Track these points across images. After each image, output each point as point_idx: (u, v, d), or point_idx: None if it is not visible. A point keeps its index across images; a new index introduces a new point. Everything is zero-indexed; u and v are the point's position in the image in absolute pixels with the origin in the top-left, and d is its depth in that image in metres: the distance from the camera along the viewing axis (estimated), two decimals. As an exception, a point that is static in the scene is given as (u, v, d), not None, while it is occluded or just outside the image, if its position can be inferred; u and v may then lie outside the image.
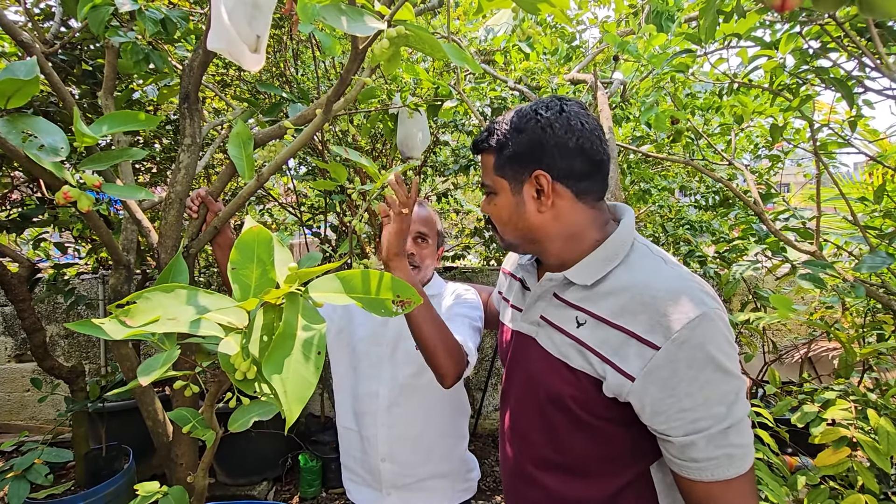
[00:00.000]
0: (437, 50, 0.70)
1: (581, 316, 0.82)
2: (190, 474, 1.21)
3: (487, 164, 0.90)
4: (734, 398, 0.71)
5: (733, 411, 0.71)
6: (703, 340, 0.70)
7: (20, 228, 2.06)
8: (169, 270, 0.93)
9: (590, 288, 0.82)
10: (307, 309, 0.63)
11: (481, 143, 0.91)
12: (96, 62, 1.90)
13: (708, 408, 0.70)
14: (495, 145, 0.88)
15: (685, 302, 0.72)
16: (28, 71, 0.88)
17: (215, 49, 0.70)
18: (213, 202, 1.26)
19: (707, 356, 0.70)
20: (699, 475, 0.72)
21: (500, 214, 0.90)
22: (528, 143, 0.83)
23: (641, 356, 0.72)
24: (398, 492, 1.29)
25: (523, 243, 0.91)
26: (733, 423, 0.70)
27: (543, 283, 0.90)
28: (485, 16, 2.40)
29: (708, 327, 0.71)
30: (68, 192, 0.95)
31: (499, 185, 0.89)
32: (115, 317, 0.61)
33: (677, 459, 0.74)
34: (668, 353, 0.70)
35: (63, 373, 2.20)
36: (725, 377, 0.71)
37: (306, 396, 0.52)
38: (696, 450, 0.71)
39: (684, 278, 0.77)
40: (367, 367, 1.30)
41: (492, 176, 0.89)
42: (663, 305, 0.72)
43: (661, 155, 2.19)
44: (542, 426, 0.89)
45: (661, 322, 0.72)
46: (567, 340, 0.83)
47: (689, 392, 0.70)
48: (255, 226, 0.71)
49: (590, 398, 0.80)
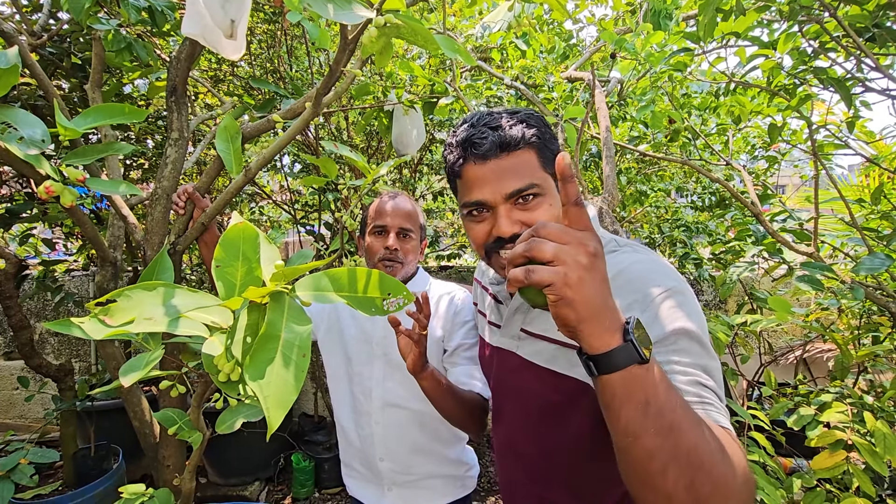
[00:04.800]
0: (429, 42, 0.68)
1: None
2: (177, 476, 1.19)
3: (530, 163, 0.76)
4: (707, 357, 0.66)
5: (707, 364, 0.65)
6: (675, 307, 0.67)
7: (8, 224, 2.02)
8: (153, 268, 0.91)
9: None
10: (293, 308, 0.61)
11: (523, 136, 0.75)
12: (85, 55, 1.86)
13: (683, 367, 0.64)
14: (538, 138, 0.76)
15: (657, 278, 0.70)
16: (7, 60, 0.85)
17: (190, 35, 0.67)
18: (201, 198, 1.24)
19: (680, 322, 0.66)
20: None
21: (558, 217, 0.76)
22: (554, 140, 0.79)
23: None
24: (398, 488, 1.28)
25: None
26: (710, 381, 0.64)
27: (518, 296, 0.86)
28: (480, 12, 2.38)
29: (680, 298, 0.68)
30: (50, 186, 0.92)
31: (548, 184, 0.76)
32: (94, 315, 0.59)
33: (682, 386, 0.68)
34: (643, 318, 0.67)
35: (51, 371, 2.16)
36: (698, 346, 0.66)
37: (289, 401, 0.49)
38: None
39: (655, 262, 0.75)
40: (359, 366, 1.28)
41: (540, 174, 0.76)
42: (637, 284, 0.70)
43: (658, 154, 2.18)
44: (534, 441, 0.86)
45: (637, 299, 0.70)
46: (551, 346, 0.80)
47: (665, 356, 0.65)
48: (240, 222, 0.69)
49: (578, 404, 0.77)
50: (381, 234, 1.25)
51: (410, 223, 1.27)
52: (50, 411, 2.23)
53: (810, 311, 1.97)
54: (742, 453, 0.56)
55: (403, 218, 1.25)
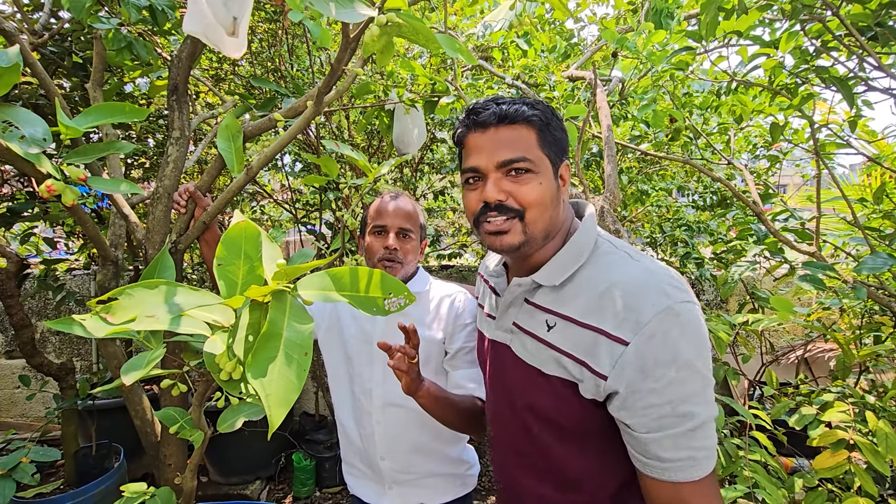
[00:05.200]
0: (431, 41, 0.68)
1: (551, 319, 0.80)
2: (178, 475, 1.19)
3: (527, 139, 0.79)
4: (701, 397, 0.69)
5: (699, 412, 0.68)
6: (670, 335, 0.68)
7: (9, 223, 2.02)
8: (154, 266, 0.91)
9: (558, 289, 0.80)
10: (294, 307, 0.61)
11: (522, 113, 0.78)
12: (86, 54, 1.86)
13: (673, 407, 0.67)
14: (541, 120, 0.79)
15: (652, 295, 0.70)
16: (9, 59, 0.85)
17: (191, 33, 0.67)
18: (202, 197, 1.23)
19: (673, 353, 0.67)
20: (664, 475, 0.70)
21: (545, 197, 0.78)
22: (562, 129, 0.82)
23: (611, 353, 0.70)
24: (399, 487, 1.29)
25: (540, 240, 0.81)
26: (698, 425, 0.68)
27: (513, 288, 0.86)
28: (482, 11, 2.38)
29: (675, 322, 0.68)
30: (52, 185, 0.92)
31: (543, 165, 0.79)
32: (96, 314, 0.59)
33: (641, 457, 0.72)
34: (636, 349, 0.68)
35: (52, 370, 2.16)
36: (691, 375, 0.68)
37: (291, 400, 0.49)
38: (660, 448, 0.69)
39: (650, 272, 0.74)
40: (360, 366, 1.28)
41: (537, 152, 0.79)
42: (630, 300, 0.71)
43: (659, 154, 2.17)
44: (525, 437, 0.87)
45: (628, 318, 0.70)
46: (539, 346, 0.81)
47: (655, 389, 0.68)
48: (242, 220, 0.68)
49: (565, 403, 0.77)
50: (381, 234, 1.25)
51: (410, 223, 1.26)
52: (51, 410, 2.23)
53: (812, 310, 1.97)
54: None
55: (403, 218, 1.25)
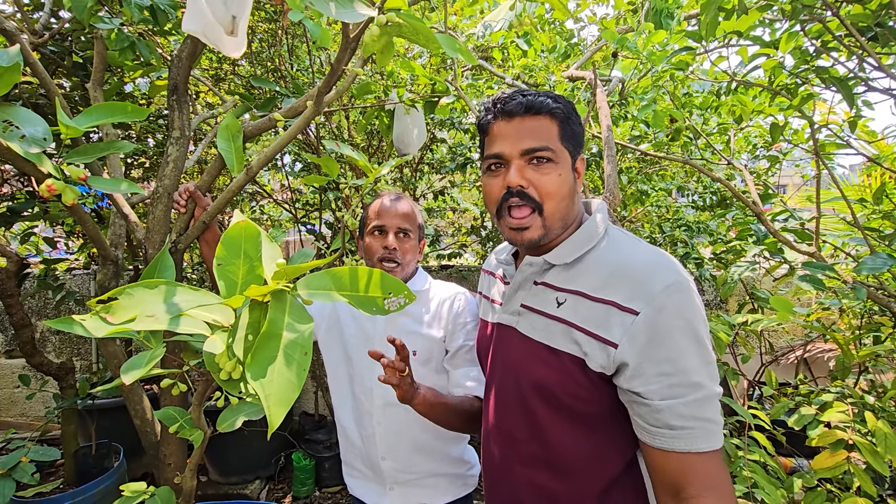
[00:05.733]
0: (431, 41, 0.68)
1: (561, 296, 0.82)
2: (178, 474, 1.19)
3: (549, 130, 0.82)
4: (708, 372, 0.72)
5: (708, 385, 0.71)
6: (681, 307, 0.71)
7: (9, 223, 2.02)
8: (154, 266, 0.91)
9: (569, 267, 0.83)
10: (294, 307, 0.61)
11: (546, 105, 0.81)
12: (86, 54, 1.86)
13: (686, 375, 0.70)
14: (562, 113, 0.82)
15: (662, 270, 0.74)
16: (9, 59, 0.85)
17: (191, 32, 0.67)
18: (202, 197, 1.24)
19: (685, 324, 0.71)
20: (673, 444, 0.71)
21: (563, 189, 0.82)
22: (580, 126, 0.85)
23: (622, 323, 0.73)
24: (400, 487, 1.28)
25: (556, 231, 0.84)
26: (708, 396, 0.71)
27: (523, 268, 0.89)
28: (482, 11, 2.38)
29: (685, 296, 0.72)
30: (52, 184, 0.92)
31: (563, 157, 0.82)
32: (96, 313, 0.59)
33: (652, 426, 0.73)
34: (647, 318, 0.71)
35: (52, 369, 2.16)
36: (700, 349, 0.71)
37: (290, 400, 0.49)
38: (671, 415, 0.70)
39: (660, 253, 0.79)
40: (360, 366, 1.28)
41: (558, 143, 0.82)
42: (641, 274, 0.74)
43: (659, 154, 2.18)
44: (525, 420, 0.87)
45: (639, 290, 0.73)
46: (548, 322, 0.82)
47: (668, 357, 0.70)
48: (242, 220, 0.69)
49: (572, 380, 0.79)
50: (380, 235, 1.25)
51: (409, 223, 1.26)
52: (51, 409, 2.23)
53: (811, 310, 1.97)
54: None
55: (402, 218, 1.25)
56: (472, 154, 2.74)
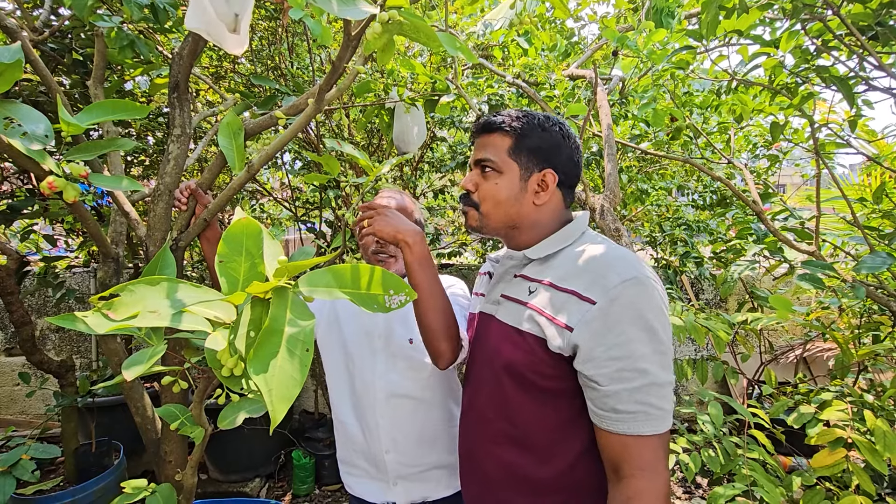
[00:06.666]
0: (432, 39, 0.68)
1: (532, 285, 0.92)
2: (178, 472, 1.19)
3: (499, 145, 0.95)
4: (659, 361, 0.77)
5: (656, 373, 0.77)
6: (634, 300, 0.78)
7: (9, 220, 2.02)
8: (156, 263, 0.91)
9: (543, 262, 0.94)
10: (296, 304, 0.61)
11: (499, 123, 0.95)
12: (86, 51, 1.86)
13: (633, 361, 0.76)
14: (516, 131, 0.94)
15: (621, 265, 0.82)
16: (11, 55, 0.85)
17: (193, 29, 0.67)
18: (203, 194, 1.24)
19: (636, 314, 0.77)
20: (616, 426, 0.77)
21: (498, 194, 0.94)
22: (550, 142, 0.94)
23: (580, 310, 0.81)
24: (404, 482, 1.28)
25: (502, 227, 0.97)
26: (654, 383, 0.76)
27: (504, 261, 1.01)
28: (482, 10, 2.38)
29: (640, 290, 0.79)
30: (53, 181, 0.92)
31: (507, 167, 0.94)
32: (98, 310, 0.59)
33: (599, 410, 0.80)
34: (601, 308, 0.78)
35: (52, 367, 2.17)
36: (651, 337, 0.77)
37: (293, 395, 0.50)
38: (617, 400, 0.77)
39: (625, 252, 0.86)
40: (361, 360, 1.29)
41: (503, 157, 0.94)
42: (602, 267, 0.83)
43: (659, 153, 2.18)
44: (496, 399, 0.94)
45: (597, 281, 0.81)
46: (519, 307, 0.92)
47: (617, 343, 0.77)
48: (243, 217, 0.69)
49: (536, 358, 0.86)
50: None
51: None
52: (51, 407, 2.23)
53: (811, 309, 1.97)
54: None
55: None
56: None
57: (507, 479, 0.92)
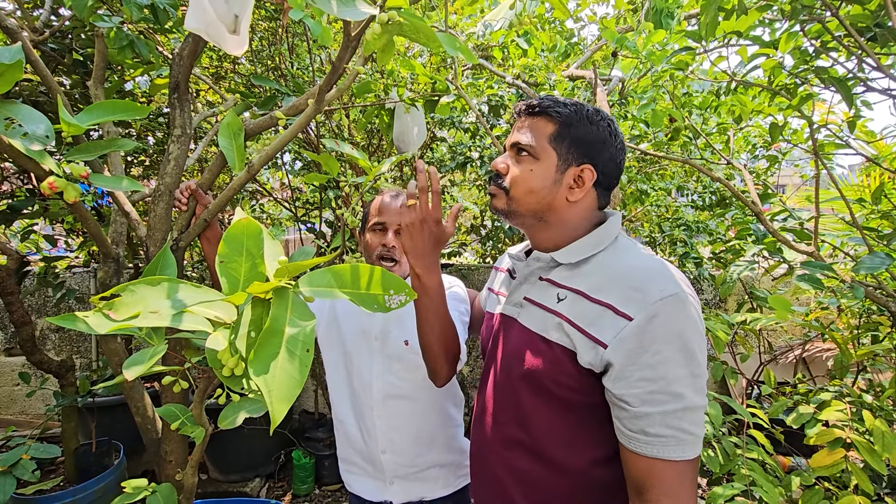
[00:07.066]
0: (431, 39, 0.68)
1: (562, 292, 0.87)
2: (179, 471, 1.19)
3: (541, 129, 0.89)
4: (694, 384, 0.74)
5: (690, 397, 0.73)
6: (673, 319, 0.74)
7: (9, 220, 2.02)
8: (156, 263, 0.91)
9: (573, 267, 0.88)
10: (296, 304, 0.61)
11: (545, 107, 0.89)
12: (87, 51, 1.86)
13: (667, 384, 0.72)
14: (562, 118, 0.88)
15: (660, 280, 0.77)
16: (11, 56, 0.85)
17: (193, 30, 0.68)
18: (203, 195, 1.24)
19: (674, 334, 0.73)
20: (644, 449, 0.74)
21: (531, 181, 0.89)
22: (595, 137, 0.88)
23: (615, 326, 0.76)
24: (400, 481, 1.29)
25: (529, 216, 0.91)
26: (688, 408, 0.73)
27: (530, 262, 0.94)
28: (482, 10, 2.38)
29: (679, 308, 0.74)
30: (54, 182, 0.92)
31: (546, 154, 0.89)
32: (99, 310, 0.59)
33: (628, 430, 0.76)
34: (638, 325, 0.74)
35: (52, 367, 2.17)
36: (688, 360, 0.73)
37: (293, 396, 0.50)
38: (648, 422, 0.73)
39: (663, 263, 0.81)
40: (359, 360, 1.29)
41: (544, 143, 0.89)
42: (639, 281, 0.77)
43: (659, 153, 2.18)
44: (511, 405, 0.91)
45: (634, 296, 0.76)
46: (546, 315, 0.87)
47: (652, 364, 0.73)
48: (244, 218, 0.69)
49: (560, 369, 0.82)
50: (381, 231, 1.26)
51: None
52: (51, 407, 2.23)
53: (810, 310, 1.98)
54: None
55: (401, 215, 1.26)
56: (471, 153, 2.74)
57: (518, 484, 0.90)
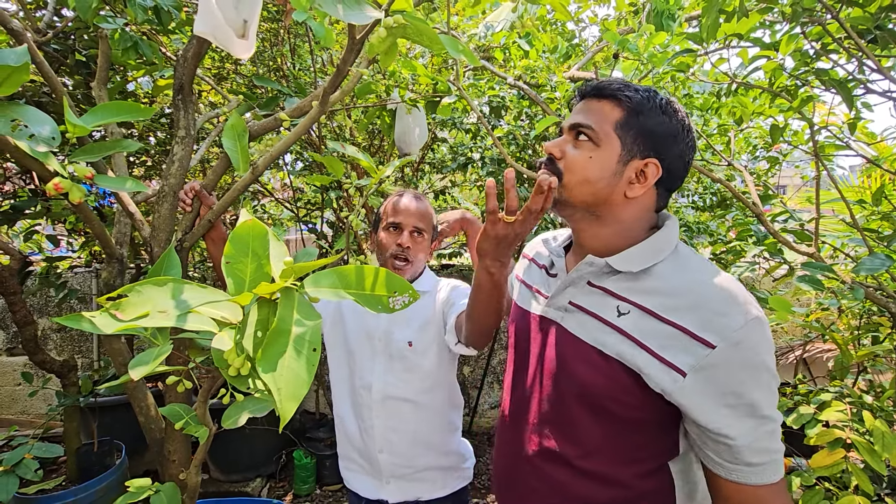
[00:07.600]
0: (434, 42, 0.69)
1: (623, 306, 0.79)
2: (182, 471, 1.20)
3: (607, 114, 0.81)
4: (775, 402, 0.73)
5: (776, 416, 0.72)
6: (758, 344, 0.71)
7: (12, 220, 2.03)
8: (161, 264, 0.91)
9: (635, 277, 0.80)
10: (302, 304, 0.62)
11: (614, 90, 0.82)
12: (90, 52, 1.87)
13: (756, 409, 0.71)
14: (632, 104, 0.81)
15: (740, 304, 0.72)
16: (18, 58, 0.86)
17: (201, 34, 0.68)
18: (207, 196, 1.25)
19: (759, 359, 0.71)
20: (749, 479, 0.72)
21: (590, 168, 0.81)
22: (665, 130, 0.81)
23: (693, 353, 0.71)
24: (397, 481, 1.30)
25: (581, 207, 0.83)
26: (776, 428, 0.72)
27: (581, 267, 0.85)
28: (484, 12, 2.39)
29: (762, 331, 0.72)
30: (59, 183, 0.93)
31: (608, 142, 0.80)
32: (105, 310, 0.60)
33: (726, 462, 0.73)
34: (723, 353, 0.70)
35: (55, 367, 2.17)
36: (770, 381, 0.72)
37: (301, 394, 0.50)
38: (749, 453, 0.71)
39: (734, 281, 0.76)
40: (361, 360, 1.30)
41: (607, 129, 0.81)
42: (719, 305, 0.72)
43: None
44: (558, 418, 0.85)
45: (716, 322, 0.71)
46: (604, 327, 0.80)
47: (739, 392, 0.70)
48: (249, 219, 0.69)
49: (618, 385, 0.77)
50: (395, 231, 1.28)
51: (424, 223, 1.30)
52: (53, 407, 2.24)
53: (810, 310, 1.98)
54: None
55: (418, 217, 1.28)
56: (472, 154, 2.75)
57: (555, 495, 0.85)
